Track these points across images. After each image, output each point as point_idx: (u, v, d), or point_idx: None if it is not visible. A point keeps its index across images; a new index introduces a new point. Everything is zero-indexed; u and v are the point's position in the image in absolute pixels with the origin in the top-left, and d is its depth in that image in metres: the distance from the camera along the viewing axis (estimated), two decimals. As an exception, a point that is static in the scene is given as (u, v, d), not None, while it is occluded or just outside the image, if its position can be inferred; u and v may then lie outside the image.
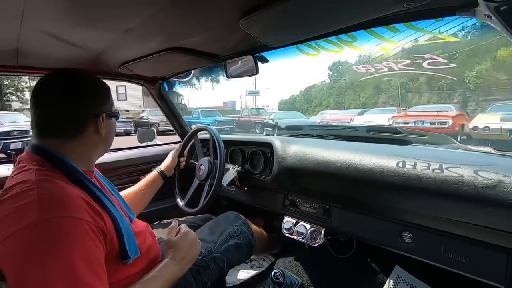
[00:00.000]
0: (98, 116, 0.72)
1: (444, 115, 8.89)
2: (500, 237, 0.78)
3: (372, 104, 23.97)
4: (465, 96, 17.32)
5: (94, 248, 0.57)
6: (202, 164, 1.34)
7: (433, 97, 19.66)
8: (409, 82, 22.02)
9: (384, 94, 24.37)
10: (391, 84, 23.67)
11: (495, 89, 15.79)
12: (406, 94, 22.19)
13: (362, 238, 1.15)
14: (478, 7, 0.59)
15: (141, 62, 1.16)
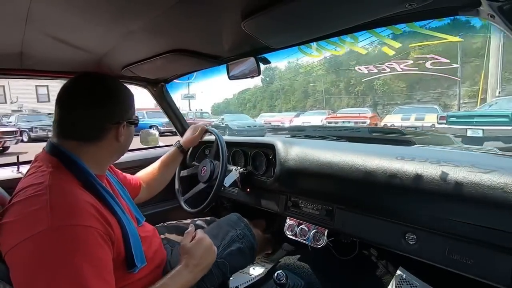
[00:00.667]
0: (120, 123, 0.72)
1: (363, 116, 11.51)
2: (505, 238, 0.77)
3: (301, 107, 27.31)
4: (375, 101, 22.06)
5: (103, 255, 0.58)
6: (204, 166, 1.34)
7: (351, 101, 24.16)
8: (331, 88, 26.16)
9: (311, 98, 28.30)
10: (316, 89, 27.52)
11: (397, 95, 20.44)
12: (329, 98, 26.25)
13: (365, 239, 1.15)
14: (481, 6, 0.59)
15: (144, 64, 1.17)
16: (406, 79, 19.71)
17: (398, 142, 1.32)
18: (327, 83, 26.23)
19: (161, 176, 1.22)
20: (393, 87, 21.04)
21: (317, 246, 1.21)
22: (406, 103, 18.07)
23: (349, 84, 24.34)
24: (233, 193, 1.59)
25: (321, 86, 26.64)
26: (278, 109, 30.17)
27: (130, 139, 0.80)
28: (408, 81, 19.76)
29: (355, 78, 23.05)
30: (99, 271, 0.56)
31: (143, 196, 1.15)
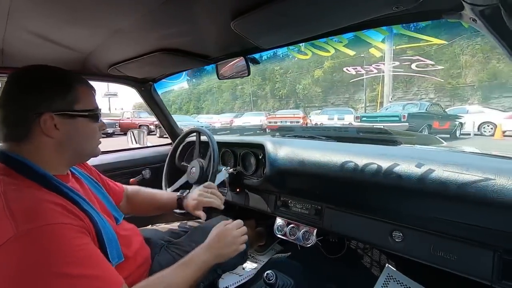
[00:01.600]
0: (41, 114, 0.62)
1: (297, 116, 13.38)
2: (487, 234, 0.80)
3: (229, 108, 28.80)
4: (297, 103, 24.66)
5: (83, 244, 0.56)
6: (194, 166, 1.32)
7: (276, 103, 26.36)
8: (258, 90, 28.06)
9: (239, 100, 29.67)
10: (244, 91, 29.08)
11: (314, 98, 24.37)
12: (256, 100, 28.11)
13: (354, 238, 1.16)
14: (464, 10, 0.61)
15: (131, 63, 1.15)
16: (322, 85, 23.66)
17: (385, 142, 1.34)
18: (254, 86, 28.04)
19: (147, 206, 1.12)
20: (311, 91, 24.55)
21: (307, 245, 1.22)
22: (323, 105, 21.94)
23: (274, 87, 26.74)
24: (223, 194, 1.58)
25: (249, 88, 28.27)
26: (206, 110, 30.76)
27: (79, 134, 0.69)
28: (324, 87, 23.62)
29: (280, 82, 26.24)
30: (85, 260, 0.54)
31: (125, 208, 1.04)
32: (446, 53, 16.80)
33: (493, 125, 9.50)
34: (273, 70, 25.48)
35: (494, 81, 16.97)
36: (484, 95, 17.33)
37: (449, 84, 18.33)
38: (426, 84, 19.42)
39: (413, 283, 1.22)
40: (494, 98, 16.76)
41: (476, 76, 17.87)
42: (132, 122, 14.81)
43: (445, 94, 18.80)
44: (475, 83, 17.82)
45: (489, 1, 0.51)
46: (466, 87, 18.25)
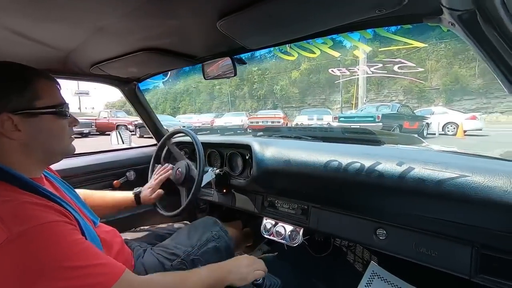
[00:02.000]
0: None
1: (278, 116, 14.15)
2: (465, 230, 0.83)
3: (207, 109, 29.42)
4: (274, 104, 25.56)
5: (78, 239, 0.56)
6: (179, 167, 1.30)
7: (254, 103, 27.15)
8: (236, 91, 28.51)
9: (217, 100, 30.14)
10: (222, 92, 29.75)
11: (292, 99, 25.40)
12: (234, 100, 28.74)
13: (339, 236, 1.18)
14: (443, 15, 0.63)
15: (114, 63, 1.12)
16: (300, 86, 24.80)
17: (369, 142, 1.37)
18: (232, 86, 28.49)
19: (99, 209, 1.05)
20: (289, 92, 25.45)
21: (293, 245, 1.23)
22: (300, 106, 23.11)
23: (252, 88, 27.38)
24: (209, 195, 1.57)
25: (227, 89, 28.82)
26: (182, 111, 30.77)
27: (45, 133, 0.65)
28: (301, 88, 24.81)
29: (258, 83, 26.96)
30: (82, 252, 0.54)
31: None
32: (413, 58, 18.10)
33: (456, 125, 10.61)
34: (251, 70, 26.02)
35: (456, 85, 18.86)
36: (448, 97, 19.14)
37: (417, 87, 20.02)
38: (396, 87, 21.00)
39: (397, 279, 1.26)
40: (457, 101, 18.68)
41: (440, 80, 19.62)
42: (109, 122, 14.47)
43: (413, 96, 20.46)
44: (439, 86, 19.57)
45: (466, 6, 0.54)
46: (431, 90, 20.09)
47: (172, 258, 0.96)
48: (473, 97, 18.34)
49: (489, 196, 0.75)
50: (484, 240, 0.82)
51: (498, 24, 0.51)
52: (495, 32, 0.52)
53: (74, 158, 1.50)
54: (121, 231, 0.96)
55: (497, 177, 0.77)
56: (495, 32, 0.52)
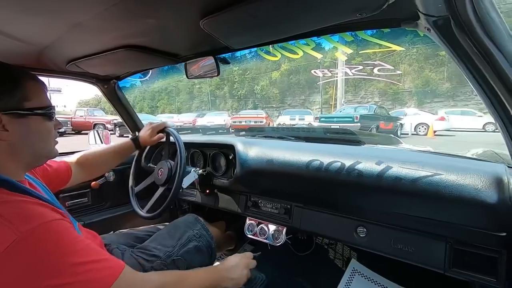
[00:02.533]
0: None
1: (260, 116, 14.42)
2: (440, 227, 0.87)
3: (186, 108, 29.20)
4: (255, 104, 25.86)
5: (78, 236, 0.57)
6: (161, 168, 1.28)
7: (234, 103, 27.27)
8: (217, 90, 28.54)
9: (197, 99, 30.03)
10: (202, 91, 29.74)
11: (272, 99, 25.72)
12: (214, 100, 28.77)
13: (321, 235, 1.21)
14: (420, 20, 0.66)
15: (92, 60, 1.08)
16: (280, 87, 25.23)
17: (350, 142, 1.41)
18: (213, 85, 28.38)
19: (102, 163, 1.17)
20: (269, 93, 25.80)
21: (277, 244, 1.24)
22: (280, 106, 23.70)
23: (233, 87, 27.45)
24: (192, 195, 1.55)
25: (207, 88, 28.66)
26: (161, 110, 30.34)
27: (33, 134, 0.64)
28: (281, 89, 25.25)
29: (238, 83, 27.09)
30: (89, 252, 0.55)
31: (79, 178, 1.08)
32: (388, 62, 18.84)
33: (427, 126, 11.50)
34: (232, 70, 26.04)
35: (426, 88, 20.07)
36: (419, 99, 20.27)
37: (391, 89, 21.08)
38: (372, 89, 21.94)
39: (376, 275, 1.29)
40: (427, 103, 19.84)
41: (412, 83, 20.78)
42: (86, 121, 13.99)
43: (388, 98, 21.50)
44: (412, 88, 20.71)
45: (441, 13, 0.56)
46: (405, 92, 21.22)
47: (152, 259, 0.94)
48: (442, 100, 19.57)
49: (461, 194, 0.79)
50: (457, 236, 0.86)
51: (470, 30, 0.53)
52: (467, 38, 0.55)
53: None
54: (100, 234, 0.93)
55: (469, 176, 0.81)
56: (467, 38, 0.55)
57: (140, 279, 0.63)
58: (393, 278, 1.26)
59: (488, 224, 0.79)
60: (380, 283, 1.26)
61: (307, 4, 0.66)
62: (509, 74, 0.55)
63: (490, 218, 0.77)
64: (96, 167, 1.15)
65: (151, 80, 26.09)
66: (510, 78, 0.55)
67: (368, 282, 1.28)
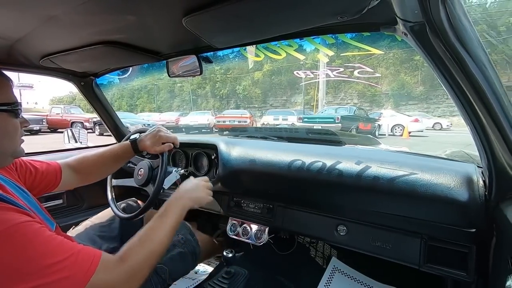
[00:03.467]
0: None
1: (245, 116, 14.46)
2: (415, 224, 0.91)
3: (167, 107, 28.54)
4: (237, 103, 25.83)
5: (51, 235, 0.55)
6: (141, 168, 1.24)
7: (216, 103, 27.10)
8: (198, 89, 28.10)
9: (178, 98, 29.30)
10: (184, 90, 29.06)
11: (254, 99, 25.59)
12: (196, 99, 28.27)
13: (303, 233, 1.22)
14: (397, 25, 0.69)
15: (68, 55, 1.03)
16: (262, 87, 25.23)
17: (331, 143, 1.44)
18: (194, 84, 27.77)
19: (103, 168, 1.06)
20: (251, 93, 25.70)
21: (259, 244, 1.24)
22: (262, 106, 23.85)
23: (215, 87, 26.98)
24: None
25: (188, 87, 27.91)
26: (140, 108, 29.46)
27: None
28: (263, 89, 25.27)
29: (220, 82, 26.68)
30: (63, 248, 0.53)
31: (72, 182, 0.98)
32: (366, 65, 19.36)
33: (402, 127, 12.06)
34: (214, 69, 25.51)
35: (402, 91, 20.81)
36: (396, 102, 20.93)
37: (369, 91, 21.80)
38: (351, 91, 22.46)
39: (355, 273, 1.33)
40: (403, 105, 20.60)
41: (389, 86, 21.49)
42: (63, 119, 13.33)
43: (366, 100, 22.13)
44: (388, 91, 21.40)
45: (417, 18, 0.59)
46: (382, 94, 21.90)
47: None
48: (416, 102, 20.45)
49: (435, 192, 0.83)
50: (431, 233, 0.90)
51: (443, 36, 0.56)
52: (441, 43, 0.58)
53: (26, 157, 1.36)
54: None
55: (442, 175, 0.85)
56: (441, 43, 0.58)
57: (120, 258, 0.61)
58: (373, 275, 1.29)
59: (459, 221, 0.83)
60: (360, 280, 1.30)
61: (290, 6, 0.67)
62: (478, 79, 0.58)
63: (461, 215, 0.82)
64: (91, 171, 1.04)
65: (130, 78, 24.68)
66: (479, 82, 0.58)
67: (348, 279, 1.31)
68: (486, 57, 0.58)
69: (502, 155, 0.67)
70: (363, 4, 0.62)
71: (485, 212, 0.77)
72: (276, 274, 1.38)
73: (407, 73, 21.02)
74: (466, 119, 0.68)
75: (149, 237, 0.68)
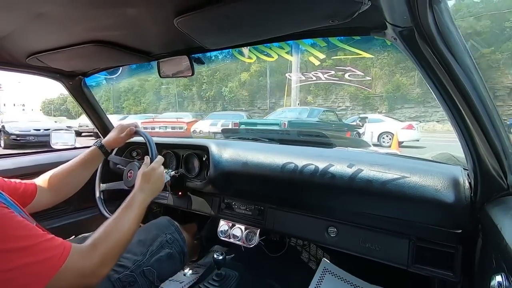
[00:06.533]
0: None
1: (181, 121, 12.09)
2: (403, 225, 0.92)
3: (153, 109, 27.44)
4: (224, 106, 24.93)
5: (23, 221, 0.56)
6: (131, 169, 1.22)
7: (203, 105, 26.43)
8: (185, 91, 27.30)
9: (164, 100, 28.49)
10: (170, 92, 28.22)
11: (241, 102, 24.44)
12: (182, 102, 27.46)
13: (294, 235, 1.23)
14: (387, 30, 0.70)
15: (56, 54, 1.01)
16: (249, 89, 24.49)
17: (322, 145, 1.45)
18: (180, 86, 26.93)
19: (73, 179, 1.01)
20: (238, 95, 24.92)
21: (250, 246, 1.23)
22: (250, 109, 23.11)
23: (201, 89, 26.05)
24: (163, 198, 1.51)
25: (174, 89, 27.20)
26: (126, 111, 28.38)
27: None
28: (250, 91, 24.57)
29: (207, 84, 25.72)
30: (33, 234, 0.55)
31: (46, 200, 0.94)
32: (359, 65, 18.77)
33: (392, 135, 9.44)
34: (201, 70, 24.59)
35: (397, 93, 19.56)
36: (390, 105, 19.80)
37: (362, 94, 20.49)
38: (343, 93, 21.41)
39: (346, 274, 1.34)
40: (398, 108, 19.53)
41: (383, 88, 20.23)
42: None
43: (359, 103, 20.95)
44: (383, 93, 20.13)
45: (406, 24, 0.60)
46: (375, 97, 20.62)
47: (119, 270, 0.88)
48: (413, 105, 19.29)
49: (423, 194, 0.85)
50: (419, 234, 0.92)
51: (431, 41, 0.58)
52: (429, 48, 0.59)
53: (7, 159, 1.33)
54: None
55: (430, 177, 0.87)
56: (429, 48, 0.59)
57: (90, 248, 0.64)
58: (363, 276, 1.30)
59: (446, 222, 0.85)
60: (350, 281, 1.31)
61: (282, 9, 0.67)
62: (464, 83, 0.59)
63: (448, 216, 0.83)
64: (63, 186, 0.99)
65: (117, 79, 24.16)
66: (465, 87, 0.60)
67: (338, 280, 1.32)
68: (472, 62, 0.60)
69: (487, 158, 0.69)
70: (354, 8, 0.63)
71: (471, 213, 0.79)
72: (267, 276, 1.38)
73: (402, 74, 19.82)
74: (452, 122, 0.69)
75: (116, 227, 0.73)
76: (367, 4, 0.60)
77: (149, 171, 0.93)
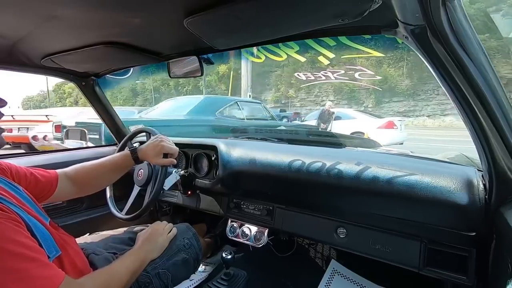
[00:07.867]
0: None
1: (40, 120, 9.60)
2: (415, 227, 0.91)
3: (129, 106, 25.89)
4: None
5: (23, 238, 0.55)
6: (141, 168, 1.24)
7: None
8: (162, 86, 26.42)
9: (140, 96, 27.71)
10: (146, 87, 27.31)
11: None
12: (159, 97, 25.74)
13: (303, 236, 1.22)
14: (398, 28, 0.69)
15: (70, 55, 1.04)
16: (227, 83, 22.59)
17: (331, 145, 1.44)
18: (157, 81, 26.26)
19: (101, 178, 1.04)
20: (216, 89, 24.27)
21: (258, 246, 1.24)
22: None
23: (179, 83, 25.47)
24: (173, 196, 1.53)
25: (151, 84, 26.61)
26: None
27: None
28: (228, 84, 22.55)
29: (184, 79, 24.53)
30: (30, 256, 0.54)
31: (69, 192, 0.96)
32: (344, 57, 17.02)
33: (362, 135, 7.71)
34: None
35: (385, 85, 17.71)
36: (377, 98, 18.11)
37: (347, 87, 18.92)
38: (326, 86, 19.97)
39: (355, 275, 1.32)
40: (385, 102, 17.90)
41: (370, 80, 18.03)
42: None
43: (343, 97, 19.49)
44: (369, 86, 18.25)
45: (418, 22, 0.59)
46: (361, 90, 18.90)
47: None
48: (401, 99, 17.45)
49: (435, 195, 0.83)
50: (431, 236, 0.90)
51: (444, 39, 0.56)
52: (441, 46, 0.58)
53: (18, 158, 1.37)
54: (75, 237, 0.89)
55: (442, 178, 0.85)
56: (441, 46, 0.58)
57: (81, 283, 0.65)
58: (372, 278, 1.29)
59: (460, 224, 0.83)
60: (359, 282, 1.29)
61: (291, 8, 0.67)
62: (479, 82, 0.58)
63: (461, 218, 0.81)
64: (88, 182, 1.01)
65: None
66: (480, 86, 0.58)
67: (347, 282, 1.31)
68: (487, 60, 0.58)
69: (502, 159, 0.67)
70: (364, 7, 0.62)
71: (485, 216, 0.77)
72: (275, 276, 1.38)
73: (390, 64, 18.04)
74: (466, 122, 0.67)
75: (109, 275, 0.74)
76: (378, 2, 0.59)
77: (146, 230, 0.98)
